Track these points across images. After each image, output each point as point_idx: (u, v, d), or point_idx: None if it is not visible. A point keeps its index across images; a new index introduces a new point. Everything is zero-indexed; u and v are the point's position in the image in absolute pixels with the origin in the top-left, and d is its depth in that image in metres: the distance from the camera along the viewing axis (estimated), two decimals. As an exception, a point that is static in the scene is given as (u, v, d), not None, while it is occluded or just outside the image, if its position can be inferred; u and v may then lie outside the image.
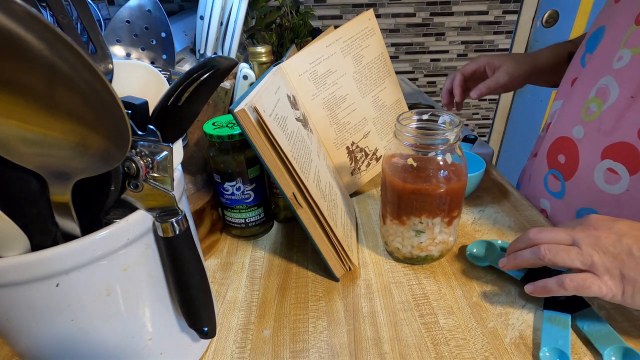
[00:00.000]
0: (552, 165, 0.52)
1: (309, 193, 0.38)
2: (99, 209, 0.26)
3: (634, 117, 0.41)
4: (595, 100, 0.45)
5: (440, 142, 0.38)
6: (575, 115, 0.49)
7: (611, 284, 0.32)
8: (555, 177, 0.52)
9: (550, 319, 0.36)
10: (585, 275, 0.33)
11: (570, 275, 0.33)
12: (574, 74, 0.53)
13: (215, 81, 0.27)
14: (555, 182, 0.52)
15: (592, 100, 0.46)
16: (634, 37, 0.42)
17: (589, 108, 0.46)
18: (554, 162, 0.52)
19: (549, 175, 0.53)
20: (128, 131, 0.21)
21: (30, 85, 0.18)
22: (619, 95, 0.43)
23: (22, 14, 0.16)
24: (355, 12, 1.55)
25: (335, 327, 0.38)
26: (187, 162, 0.48)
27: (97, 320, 0.26)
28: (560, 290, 0.34)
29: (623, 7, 0.46)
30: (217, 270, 0.46)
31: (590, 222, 0.35)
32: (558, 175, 0.51)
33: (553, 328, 0.35)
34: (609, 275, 0.32)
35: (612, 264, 0.32)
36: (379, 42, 0.57)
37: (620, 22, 0.45)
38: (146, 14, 0.38)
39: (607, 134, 0.44)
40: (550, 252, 0.34)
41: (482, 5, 1.57)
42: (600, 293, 0.32)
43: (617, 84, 0.43)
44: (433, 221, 0.41)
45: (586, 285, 0.32)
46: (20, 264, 0.22)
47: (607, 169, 0.44)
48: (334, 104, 0.54)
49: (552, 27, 1.50)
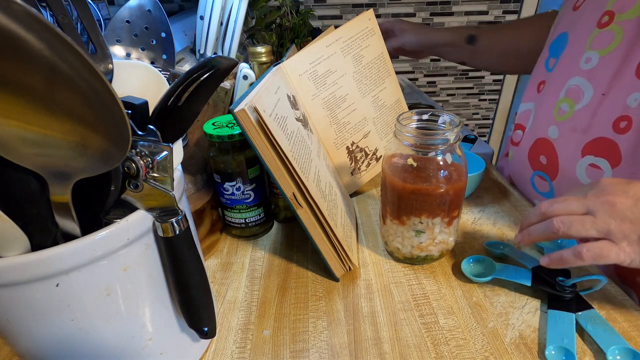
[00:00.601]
0: (535, 166, 0.54)
1: (309, 193, 0.38)
2: (99, 209, 0.26)
3: (607, 112, 0.44)
4: (566, 100, 0.48)
5: (440, 142, 0.38)
6: (547, 117, 0.51)
7: (629, 249, 0.31)
8: (541, 177, 0.53)
9: (554, 318, 0.36)
10: (602, 243, 0.32)
11: (586, 245, 0.32)
12: (540, 78, 0.55)
13: (215, 81, 0.27)
14: (543, 182, 0.53)
15: (563, 100, 0.49)
16: (598, 39, 0.46)
17: (560, 108, 0.49)
18: (537, 164, 0.54)
19: (534, 176, 0.54)
20: (128, 131, 0.21)
21: (30, 85, 0.18)
22: (593, 94, 0.45)
23: (22, 14, 0.16)
24: (355, 12, 1.55)
25: (335, 327, 0.38)
26: (187, 162, 0.48)
27: (97, 320, 0.26)
28: (577, 261, 0.33)
29: (583, 14, 0.49)
30: (217, 270, 0.46)
31: (603, 187, 0.34)
32: (543, 175, 0.52)
33: (558, 327, 0.35)
34: (627, 241, 0.31)
35: (630, 229, 0.31)
36: (379, 42, 0.57)
37: (582, 27, 0.48)
38: (146, 14, 0.38)
39: (584, 131, 0.46)
40: (564, 225, 0.33)
41: (482, 5, 1.57)
42: (618, 259, 0.32)
43: (590, 84, 0.46)
44: (433, 221, 0.41)
45: (604, 253, 0.32)
46: (20, 264, 0.22)
47: (589, 164, 0.45)
48: (334, 104, 0.54)
49: (552, 27, 1.50)
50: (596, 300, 0.39)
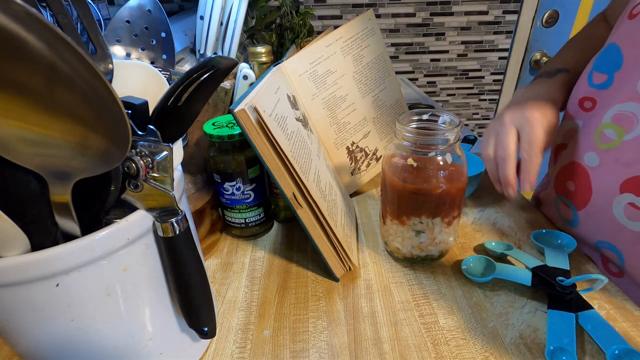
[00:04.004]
0: (560, 191, 0.49)
1: (309, 193, 0.38)
2: (99, 209, 0.26)
3: None
4: (613, 126, 0.42)
5: (440, 142, 0.38)
6: (587, 141, 0.45)
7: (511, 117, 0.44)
8: (565, 204, 0.49)
9: (554, 318, 0.36)
10: None
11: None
12: (581, 93, 0.48)
13: (215, 81, 0.27)
14: (567, 209, 0.48)
15: (608, 126, 0.42)
16: None
17: (603, 134, 0.42)
18: (562, 189, 0.49)
19: (559, 201, 0.50)
20: (128, 131, 0.21)
21: (30, 85, 0.18)
22: None
23: (22, 14, 0.16)
24: (355, 12, 1.55)
25: (335, 327, 0.38)
26: (187, 162, 0.48)
27: (97, 320, 0.26)
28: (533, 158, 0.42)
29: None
30: (217, 270, 0.46)
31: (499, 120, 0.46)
32: (567, 202, 0.48)
33: (558, 327, 0.35)
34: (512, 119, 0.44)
35: (513, 117, 0.44)
36: (378, 42, 0.57)
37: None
38: (146, 14, 0.38)
39: (628, 165, 0.40)
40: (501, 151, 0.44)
41: (482, 5, 1.57)
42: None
43: None
44: (433, 221, 0.41)
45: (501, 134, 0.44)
46: (20, 264, 0.22)
47: (627, 203, 0.40)
48: (334, 104, 0.54)
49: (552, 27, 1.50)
50: (596, 300, 0.39)
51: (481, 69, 1.74)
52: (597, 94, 0.45)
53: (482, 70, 1.74)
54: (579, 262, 0.44)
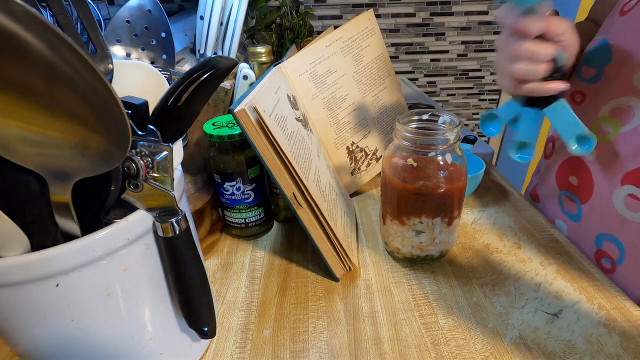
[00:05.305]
0: (563, 186, 0.50)
1: (309, 193, 0.38)
2: (99, 209, 0.26)
3: None
4: (610, 120, 0.42)
5: (440, 142, 0.38)
6: None
7: None
8: (569, 198, 0.49)
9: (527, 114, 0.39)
10: None
11: None
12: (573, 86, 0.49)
13: (215, 81, 0.27)
14: (571, 204, 0.49)
15: (605, 119, 0.43)
16: None
17: (600, 128, 0.43)
18: (565, 184, 0.49)
19: (562, 195, 0.50)
20: (128, 131, 0.21)
21: (30, 85, 0.18)
22: None
23: (22, 14, 0.16)
24: (355, 12, 1.55)
25: (335, 327, 0.38)
26: (187, 162, 0.48)
27: (97, 320, 0.26)
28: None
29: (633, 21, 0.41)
30: (217, 270, 0.46)
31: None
32: (572, 197, 0.48)
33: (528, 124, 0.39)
34: None
35: None
36: (378, 42, 0.57)
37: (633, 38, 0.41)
38: (146, 14, 0.38)
39: (628, 158, 0.40)
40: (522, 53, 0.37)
41: (482, 5, 1.57)
42: None
43: None
44: (433, 221, 0.41)
45: None
46: (20, 264, 0.22)
47: (628, 195, 0.41)
48: (334, 104, 0.54)
49: (552, 27, 1.50)
50: (596, 300, 0.39)
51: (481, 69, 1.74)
52: (586, 87, 0.46)
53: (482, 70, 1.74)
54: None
